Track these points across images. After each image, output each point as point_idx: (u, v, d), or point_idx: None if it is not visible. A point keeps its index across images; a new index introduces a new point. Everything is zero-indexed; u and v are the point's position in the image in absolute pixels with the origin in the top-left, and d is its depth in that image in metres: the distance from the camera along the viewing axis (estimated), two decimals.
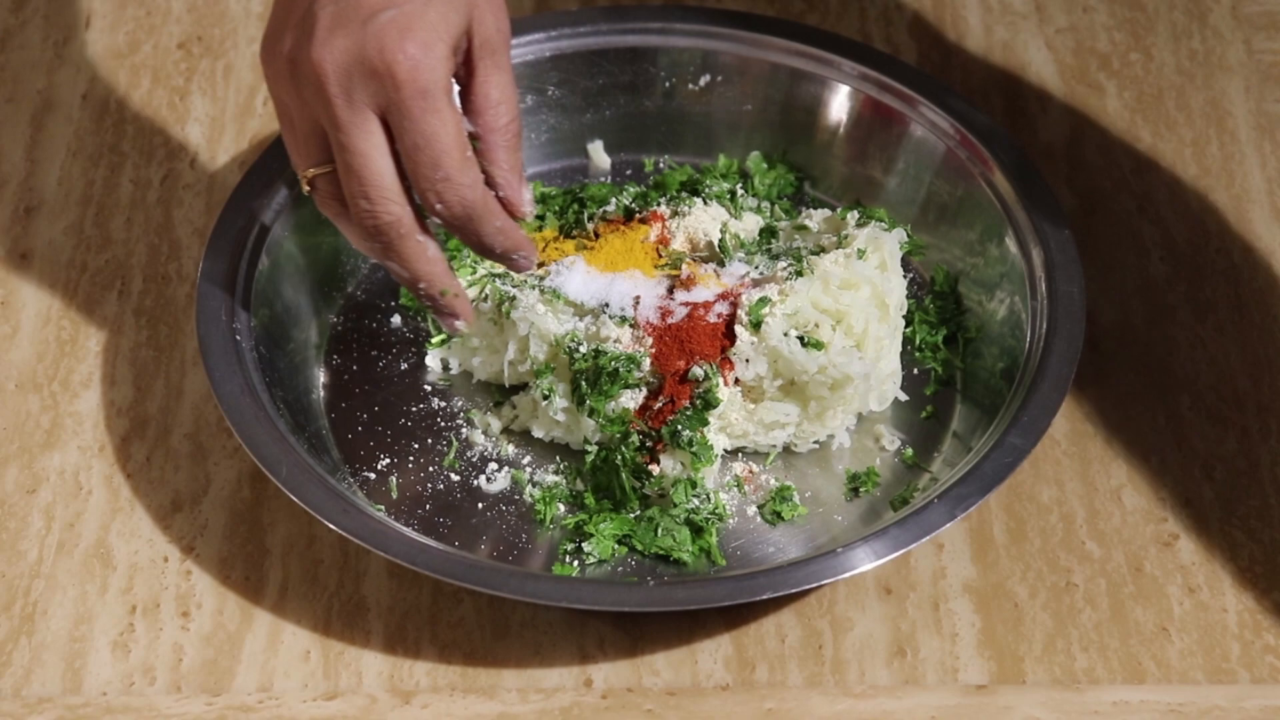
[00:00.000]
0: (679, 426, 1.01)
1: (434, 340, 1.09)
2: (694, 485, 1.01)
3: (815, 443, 1.05)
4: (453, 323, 1.00)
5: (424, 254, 0.97)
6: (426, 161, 0.93)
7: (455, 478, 1.04)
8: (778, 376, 1.03)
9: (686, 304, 1.03)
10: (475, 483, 1.04)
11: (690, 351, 1.02)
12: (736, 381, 1.02)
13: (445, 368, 1.09)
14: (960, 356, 1.08)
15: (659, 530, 1.00)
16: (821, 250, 1.06)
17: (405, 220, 0.95)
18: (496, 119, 0.96)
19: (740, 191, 1.12)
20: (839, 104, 1.15)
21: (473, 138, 0.96)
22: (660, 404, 1.01)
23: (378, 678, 0.97)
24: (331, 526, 0.96)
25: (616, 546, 1.01)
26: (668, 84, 1.18)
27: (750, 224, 1.09)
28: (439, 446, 1.06)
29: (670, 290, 1.04)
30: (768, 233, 1.08)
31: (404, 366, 1.09)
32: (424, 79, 0.92)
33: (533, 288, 1.05)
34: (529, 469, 1.05)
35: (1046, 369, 1.02)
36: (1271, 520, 1.03)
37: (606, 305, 1.04)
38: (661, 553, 1.00)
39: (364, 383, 1.08)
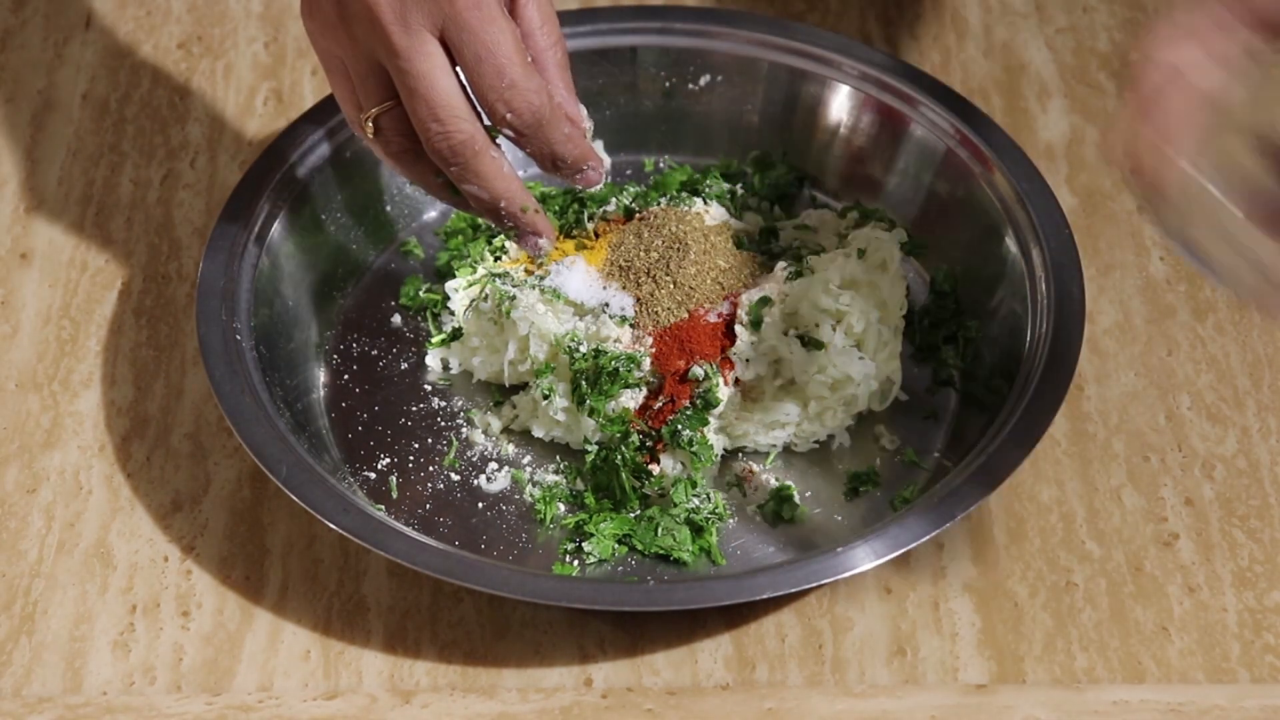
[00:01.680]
0: (679, 426, 1.01)
1: (434, 340, 1.09)
2: (694, 485, 1.01)
3: (815, 443, 1.05)
4: (536, 241, 1.00)
5: (501, 170, 0.97)
6: (491, 71, 0.93)
7: (455, 477, 1.04)
8: (778, 376, 1.03)
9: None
10: (475, 482, 1.04)
11: (690, 351, 1.02)
12: (736, 381, 1.02)
13: (445, 368, 1.09)
14: (960, 356, 1.08)
15: (659, 530, 1.00)
16: (821, 250, 1.06)
17: (479, 137, 0.95)
18: (545, 39, 0.97)
19: (740, 191, 1.12)
20: (839, 104, 1.15)
21: None
22: (660, 404, 1.01)
23: (378, 677, 0.97)
24: (331, 526, 0.96)
25: (616, 546, 1.01)
26: (668, 84, 1.18)
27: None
28: (439, 446, 1.06)
29: None
30: (768, 233, 1.08)
31: (404, 366, 1.09)
32: None
33: (533, 288, 1.05)
34: (529, 469, 1.05)
35: (1046, 369, 1.02)
36: (1271, 520, 1.03)
37: (606, 305, 1.04)
38: (661, 552, 1.00)
39: (364, 383, 1.08)
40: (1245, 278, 0.81)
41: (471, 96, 0.95)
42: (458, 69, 0.94)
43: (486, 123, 0.96)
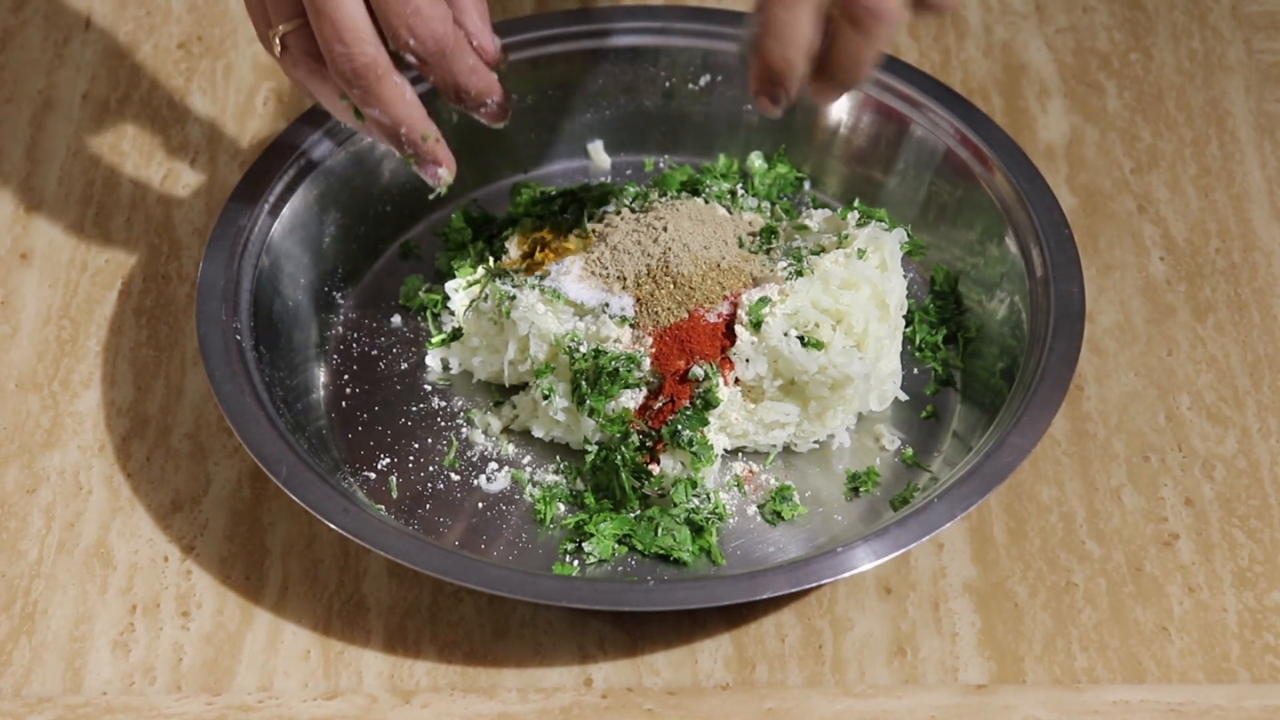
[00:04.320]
0: (679, 426, 1.01)
1: (434, 340, 1.09)
2: (694, 485, 1.01)
3: (815, 443, 1.05)
4: (435, 170, 1.00)
5: (402, 96, 0.97)
6: None
7: (455, 478, 1.04)
8: (778, 376, 1.03)
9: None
10: (475, 483, 1.04)
11: (690, 351, 1.02)
12: (736, 381, 1.02)
13: (445, 368, 1.09)
14: (960, 356, 1.08)
15: (659, 530, 1.00)
16: (821, 250, 1.06)
17: (381, 61, 0.96)
18: None
19: (740, 191, 1.12)
20: (839, 104, 1.15)
21: None
22: (660, 404, 1.01)
23: (378, 677, 0.97)
24: (331, 526, 0.96)
25: (616, 546, 1.01)
26: (668, 84, 1.18)
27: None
28: (439, 446, 1.06)
29: None
30: (768, 233, 1.08)
31: (404, 366, 1.09)
32: None
33: (533, 288, 1.05)
34: (529, 469, 1.05)
35: (1046, 369, 1.02)
36: (1271, 520, 1.03)
37: (606, 305, 1.04)
38: (661, 552, 1.00)
39: (364, 383, 1.08)
40: None
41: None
42: None
43: (393, 49, 0.97)
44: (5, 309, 1.12)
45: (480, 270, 1.09)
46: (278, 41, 0.97)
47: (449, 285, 1.09)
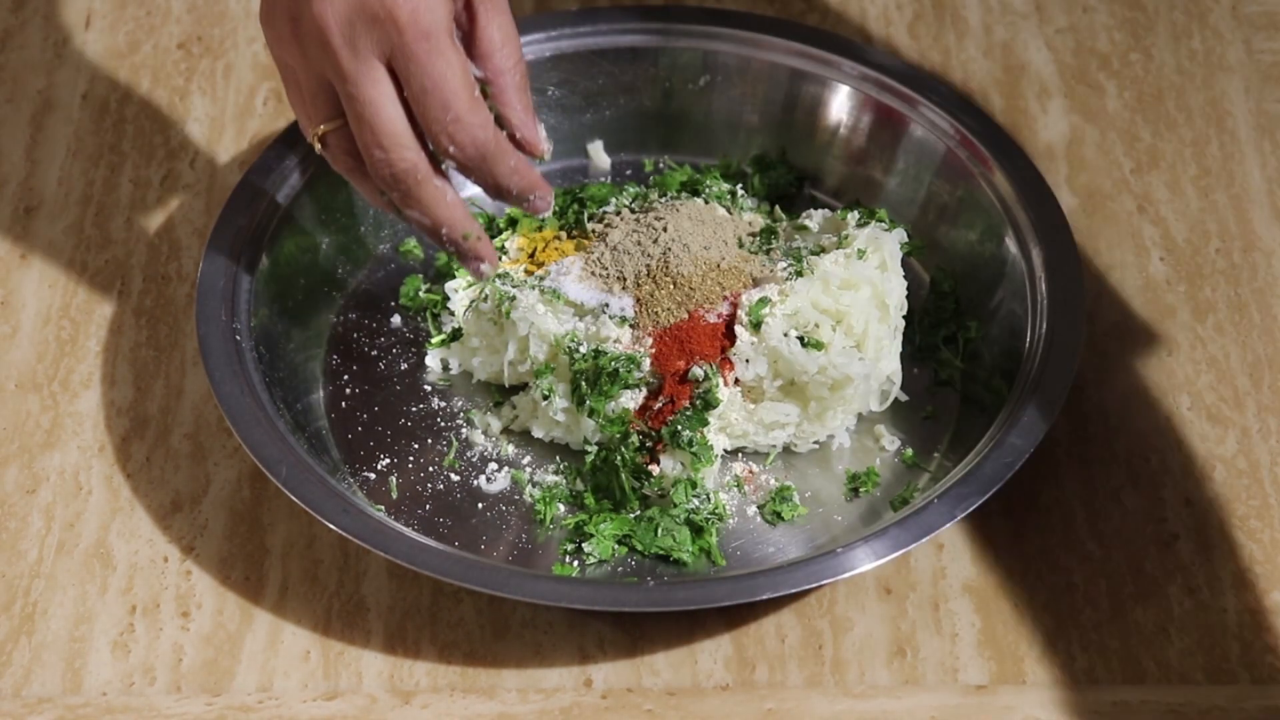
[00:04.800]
0: (679, 427, 1.01)
1: (434, 340, 1.09)
2: (694, 485, 1.01)
3: (815, 443, 1.05)
4: (478, 266, 1.00)
5: (443, 199, 0.97)
6: (436, 104, 0.93)
7: (455, 478, 1.04)
8: (778, 376, 1.03)
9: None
10: (475, 483, 1.04)
11: (690, 351, 1.02)
12: (736, 381, 1.02)
13: (445, 368, 1.09)
14: (960, 356, 1.08)
15: (659, 530, 1.00)
16: (821, 250, 1.06)
17: (421, 166, 0.95)
18: (504, 60, 0.97)
19: (740, 191, 1.12)
20: (839, 104, 1.15)
21: (482, 83, 0.96)
22: (660, 404, 1.01)
23: (378, 678, 0.97)
24: (331, 526, 0.96)
25: (616, 546, 1.01)
26: (668, 84, 1.18)
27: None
28: (439, 446, 1.06)
29: None
30: (768, 233, 1.08)
31: (404, 366, 1.09)
32: (425, 21, 0.92)
33: (533, 288, 1.05)
34: (529, 469, 1.05)
35: (1046, 369, 1.02)
36: (1271, 520, 1.03)
37: (606, 305, 1.04)
38: (661, 553, 1.00)
39: (364, 383, 1.08)
40: None
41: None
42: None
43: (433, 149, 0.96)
44: (5, 309, 1.12)
45: None
46: (318, 140, 0.97)
47: (449, 285, 1.09)
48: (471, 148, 0.95)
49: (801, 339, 1.02)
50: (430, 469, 1.05)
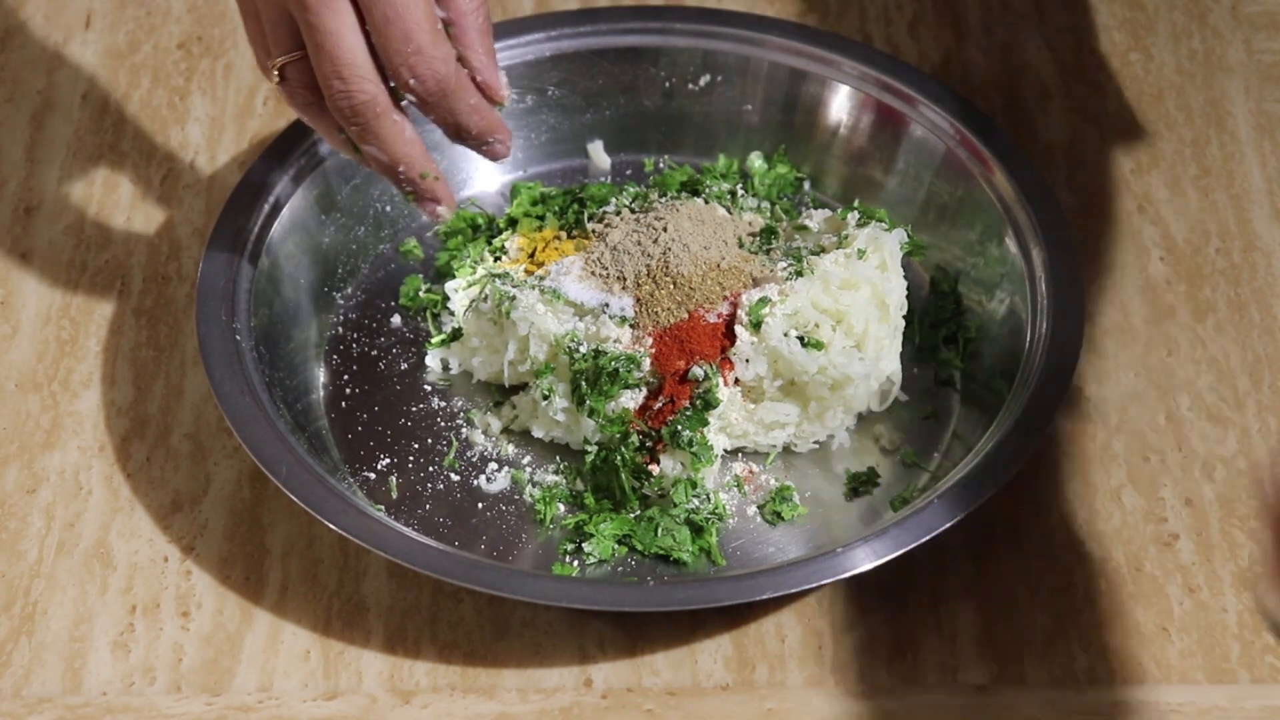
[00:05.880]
0: (679, 426, 1.01)
1: (434, 340, 1.09)
2: (694, 485, 1.01)
3: (815, 443, 1.05)
4: (434, 208, 1.00)
5: (401, 134, 0.96)
6: (398, 35, 0.93)
7: (455, 478, 1.04)
8: (778, 376, 1.03)
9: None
10: (475, 483, 1.04)
11: (690, 351, 1.02)
12: (736, 381, 1.02)
13: (445, 368, 1.09)
14: (960, 356, 1.08)
15: (659, 530, 1.00)
16: (821, 250, 1.06)
17: (380, 99, 0.95)
18: (468, 2, 0.96)
19: (740, 191, 1.12)
20: (839, 104, 1.15)
21: (445, 24, 0.96)
22: (660, 404, 1.01)
23: (378, 678, 0.97)
24: (331, 526, 0.96)
25: (616, 546, 1.01)
26: (668, 84, 1.18)
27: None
28: (439, 446, 1.06)
29: None
30: (768, 233, 1.08)
31: (404, 366, 1.09)
32: None
33: (533, 288, 1.05)
34: (529, 469, 1.05)
35: (1046, 369, 1.02)
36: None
37: (606, 305, 1.04)
38: (661, 553, 1.00)
39: (364, 383, 1.08)
40: None
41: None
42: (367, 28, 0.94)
43: (393, 84, 0.96)
44: (5, 309, 1.12)
45: (480, 270, 1.09)
46: (276, 72, 0.97)
47: (449, 285, 1.09)
48: (432, 81, 0.94)
49: (801, 339, 1.02)
50: (430, 469, 1.05)
